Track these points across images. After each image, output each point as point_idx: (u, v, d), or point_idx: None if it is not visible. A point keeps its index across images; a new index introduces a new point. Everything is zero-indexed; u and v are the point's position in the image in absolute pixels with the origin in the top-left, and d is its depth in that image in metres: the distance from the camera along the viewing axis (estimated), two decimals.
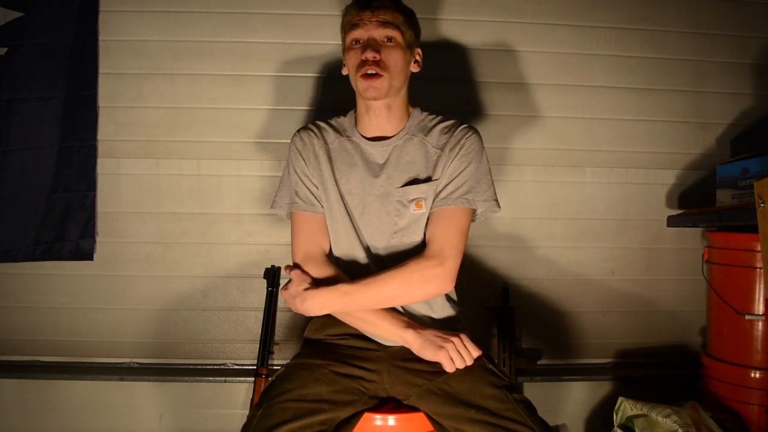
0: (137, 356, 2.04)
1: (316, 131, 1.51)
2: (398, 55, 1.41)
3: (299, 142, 1.50)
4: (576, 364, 2.12)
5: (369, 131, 1.49)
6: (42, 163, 1.94)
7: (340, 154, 1.48)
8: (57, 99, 1.94)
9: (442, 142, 1.45)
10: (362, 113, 1.49)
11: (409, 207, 1.41)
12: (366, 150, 1.47)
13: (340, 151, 1.48)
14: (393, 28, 1.40)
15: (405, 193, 1.42)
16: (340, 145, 1.49)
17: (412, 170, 1.44)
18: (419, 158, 1.45)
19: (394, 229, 1.42)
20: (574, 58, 2.07)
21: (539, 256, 2.09)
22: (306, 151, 1.48)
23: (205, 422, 2.05)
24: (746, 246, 1.76)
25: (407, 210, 1.41)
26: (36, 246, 1.95)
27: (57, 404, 2.03)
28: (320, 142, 1.49)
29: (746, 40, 2.10)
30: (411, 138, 1.47)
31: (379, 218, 1.42)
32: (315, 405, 1.22)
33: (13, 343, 2.03)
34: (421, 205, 1.41)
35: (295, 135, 1.52)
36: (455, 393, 1.26)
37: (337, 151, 1.48)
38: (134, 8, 1.98)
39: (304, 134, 1.51)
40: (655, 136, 2.10)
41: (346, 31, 1.44)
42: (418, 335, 1.32)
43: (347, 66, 1.47)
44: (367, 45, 1.39)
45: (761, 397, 1.72)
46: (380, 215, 1.42)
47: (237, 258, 2.03)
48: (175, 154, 2.01)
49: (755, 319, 1.74)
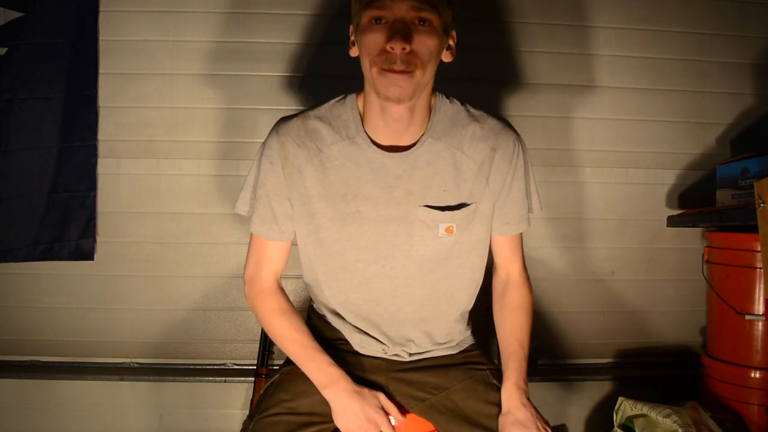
0: (137, 356, 2.04)
1: (304, 138, 1.18)
2: (433, 44, 1.07)
3: (280, 152, 1.18)
4: (576, 364, 2.12)
5: (381, 137, 1.17)
6: (42, 163, 1.94)
7: (341, 163, 1.17)
8: (57, 99, 1.94)
9: (479, 155, 1.19)
10: (374, 113, 1.16)
11: (436, 231, 1.19)
12: (376, 159, 1.17)
13: (340, 159, 1.17)
14: (430, 8, 1.05)
15: (430, 215, 1.18)
16: (341, 152, 1.17)
17: (437, 185, 1.18)
18: (447, 172, 1.18)
19: (419, 253, 1.21)
20: (574, 58, 2.07)
21: (539, 257, 2.09)
22: (288, 167, 1.18)
23: (205, 422, 2.05)
24: (746, 246, 1.75)
25: (434, 233, 1.19)
26: (36, 246, 1.95)
27: (57, 404, 2.03)
28: (309, 153, 1.17)
29: (746, 40, 2.10)
30: (435, 142, 1.18)
31: (397, 239, 1.19)
32: (306, 418, 1.18)
33: (13, 343, 2.03)
34: (452, 231, 1.19)
35: (273, 135, 1.20)
36: (459, 410, 1.21)
37: (334, 160, 1.17)
38: (134, 8, 1.97)
39: (289, 141, 1.18)
40: (655, 136, 2.10)
41: (364, 3, 1.07)
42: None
43: (360, 50, 1.11)
44: (395, 30, 1.03)
45: (761, 397, 1.72)
46: (399, 237, 1.19)
47: (237, 258, 2.03)
48: (176, 154, 2.01)
49: (755, 319, 1.73)
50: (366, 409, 1.15)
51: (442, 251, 1.22)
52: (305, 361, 1.20)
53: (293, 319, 1.24)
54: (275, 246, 1.25)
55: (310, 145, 1.18)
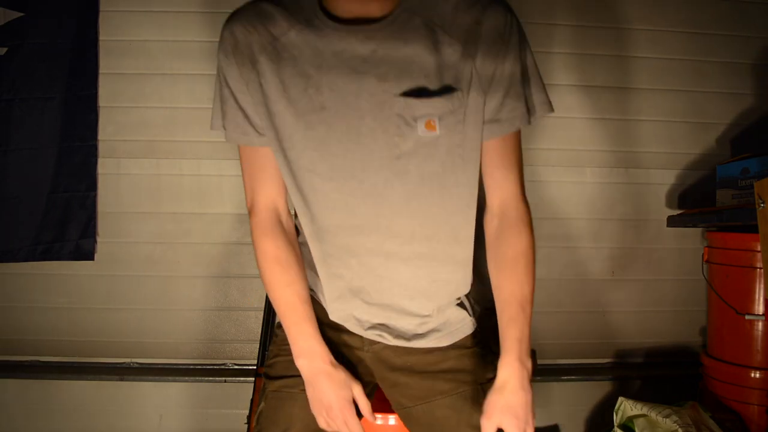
0: (137, 356, 2.05)
1: (255, 22, 0.98)
2: None
3: (229, 40, 1.00)
4: (576, 364, 2.11)
5: (343, 11, 0.96)
6: (42, 163, 1.94)
7: (299, 51, 0.96)
8: (57, 99, 1.94)
9: (461, 30, 0.95)
10: None
11: (415, 127, 0.95)
12: (339, 39, 0.95)
13: (299, 47, 0.97)
14: None
15: (408, 106, 0.94)
16: (299, 37, 0.97)
17: (415, 70, 0.94)
18: (425, 50, 0.94)
19: (396, 153, 0.97)
20: (574, 58, 2.07)
21: (539, 256, 2.06)
22: (239, 55, 0.99)
23: (205, 422, 2.05)
24: (746, 246, 1.75)
25: (412, 131, 0.95)
26: (36, 246, 1.95)
27: (57, 404, 2.03)
28: (263, 39, 0.98)
29: (746, 40, 2.10)
30: (410, 18, 0.95)
31: (372, 138, 0.96)
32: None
33: (13, 343, 2.03)
34: (433, 126, 0.95)
35: (224, 27, 1.02)
36: (439, 428, 1.10)
37: (292, 49, 0.97)
38: (134, 8, 1.97)
39: (238, 27, 0.99)
40: (654, 136, 2.10)
41: None
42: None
43: None
44: None
45: (761, 397, 1.72)
46: (374, 134, 0.96)
47: (237, 258, 2.03)
48: (176, 154, 2.01)
49: (755, 319, 1.73)
50: (331, 397, 1.04)
51: (422, 148, 0.97)
52: (289, 323, 1.07)
53: (287, 271, 1.07)
54: (261, 156, 1.05)
55: (262, 31, 0.98)
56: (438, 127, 0.95)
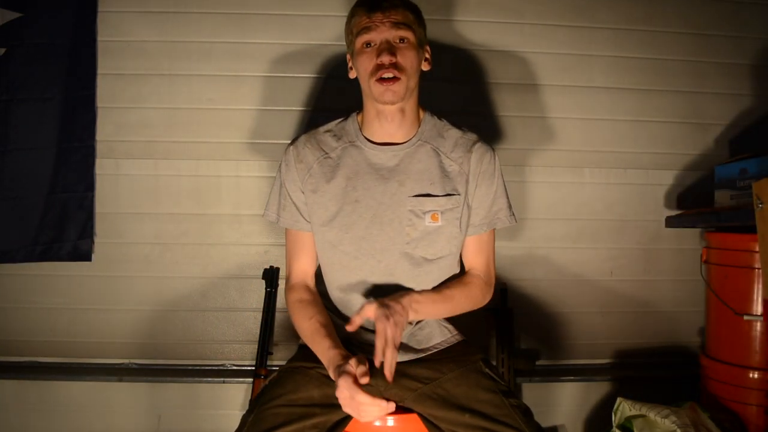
0: (136, 357, 2.04)
1: (313, 141, 1.43)
2: (413, 56, 1.35)
3: (293, 153, 1.43)
4: (574, 365, 2.12)
5: (377, 137, 1.41)
6: (40, 163, 1.94)
7: (343, 161, 1.40)
8: (56, 99, 1.94)
9: (458, 155, 1.41)
10: (371, 118, 1.41)
11: (423, 218, 1.36)
12: (373, 155, 1.40)
13: (343, 158, 1.41)
14: (406, 28, 1.34)
15: (419, 203, 1.37)
16: (344, 153, 1.41)
17: (425, 179, 1.38)
18: (433, 167, 1.39)
19: (406, 239, 1.36)
20: (572, 58, 2.07)
21: (538, 257, 2.09)
22: (299, 163, 1.42)
23: (203, 423, 2.05)
24: (744, 246, 1.76)
25: (421, 222, 1.36)
26: (34, 246, 1.95)
27: (56, 405, 2.03)
28: (318, 156, 1.41)
29: (745, 40, 2.10)
30: (423, 145, 1.41)
31: (391, 227, 1.36)
32: (307, 409, 1.22)
33: (11, 344, 2.03)
34: (437, 218, 1.37)
35: (289, 147, 1.45)
36: (450, 397, 1.26)
37: (338, 159, 1.41)
38: (133, 8, 1.97)
39: (300, 145, 1.43)
40: (653, 137, 2.10)
41: (355, 34, 1.36)
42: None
43: (357, 70, 1.39)
44: (382, 49, 1.32)
45: (760, 398, 1.72)
46: (392, 224, 1.36)
47: (236, 259, 2.03)
48: (174, 155, 2.00)
49: (753, 320, 1.74)
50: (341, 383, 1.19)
51: (427, 235, 1.37)
52: (313, 344, 1.32)
53: (310, 308, 1.38)
54: (302, 237, 1.43)
55: (318, 152, 1.42)
56: (440, 219, 1.37)
